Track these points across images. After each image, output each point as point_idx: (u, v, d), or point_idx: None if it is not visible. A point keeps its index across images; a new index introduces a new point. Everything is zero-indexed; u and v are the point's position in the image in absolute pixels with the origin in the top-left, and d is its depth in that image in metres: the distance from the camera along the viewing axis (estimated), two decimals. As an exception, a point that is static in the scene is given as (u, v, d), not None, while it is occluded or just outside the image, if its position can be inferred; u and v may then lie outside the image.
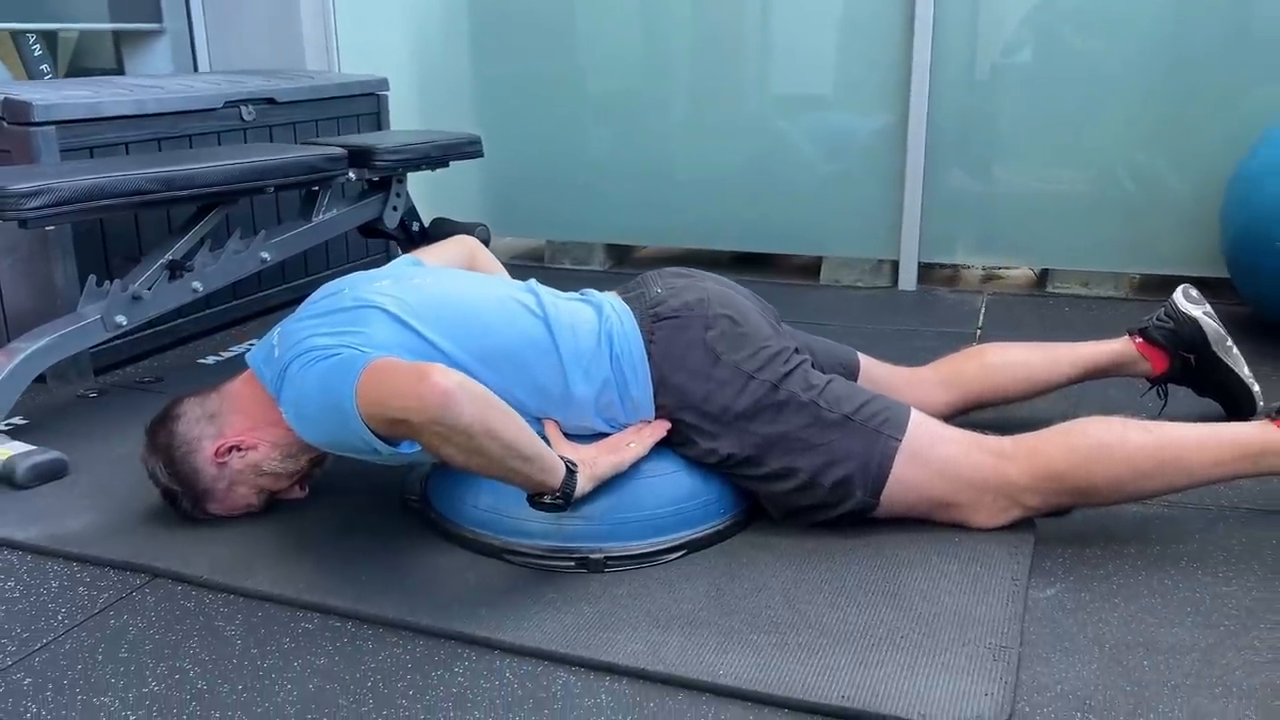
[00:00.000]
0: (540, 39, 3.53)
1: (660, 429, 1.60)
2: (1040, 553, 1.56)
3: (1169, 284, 3.02)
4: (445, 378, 1.32)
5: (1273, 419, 1.57)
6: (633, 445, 1.57)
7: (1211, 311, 1.93)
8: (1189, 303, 1.93)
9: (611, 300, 1.69)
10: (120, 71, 3.70)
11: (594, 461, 1.53)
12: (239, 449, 1.62)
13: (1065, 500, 1.57)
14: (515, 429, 1.38)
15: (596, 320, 1.63)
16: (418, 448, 1.39)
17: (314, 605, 1.48)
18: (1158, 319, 1.96)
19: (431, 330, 1.54)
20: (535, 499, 1.47)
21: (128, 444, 2.04)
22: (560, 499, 1.46)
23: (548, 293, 1.68)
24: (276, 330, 1.61)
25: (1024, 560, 1.52)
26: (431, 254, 1.87)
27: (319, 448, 1.57)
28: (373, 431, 1.36)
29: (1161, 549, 1.58)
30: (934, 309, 3.03)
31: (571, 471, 1.47)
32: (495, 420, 1.36)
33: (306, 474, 1.69)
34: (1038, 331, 2.69)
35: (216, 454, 1.62)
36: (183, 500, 1.66)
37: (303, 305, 1.65)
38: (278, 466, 1.63)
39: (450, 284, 1.66)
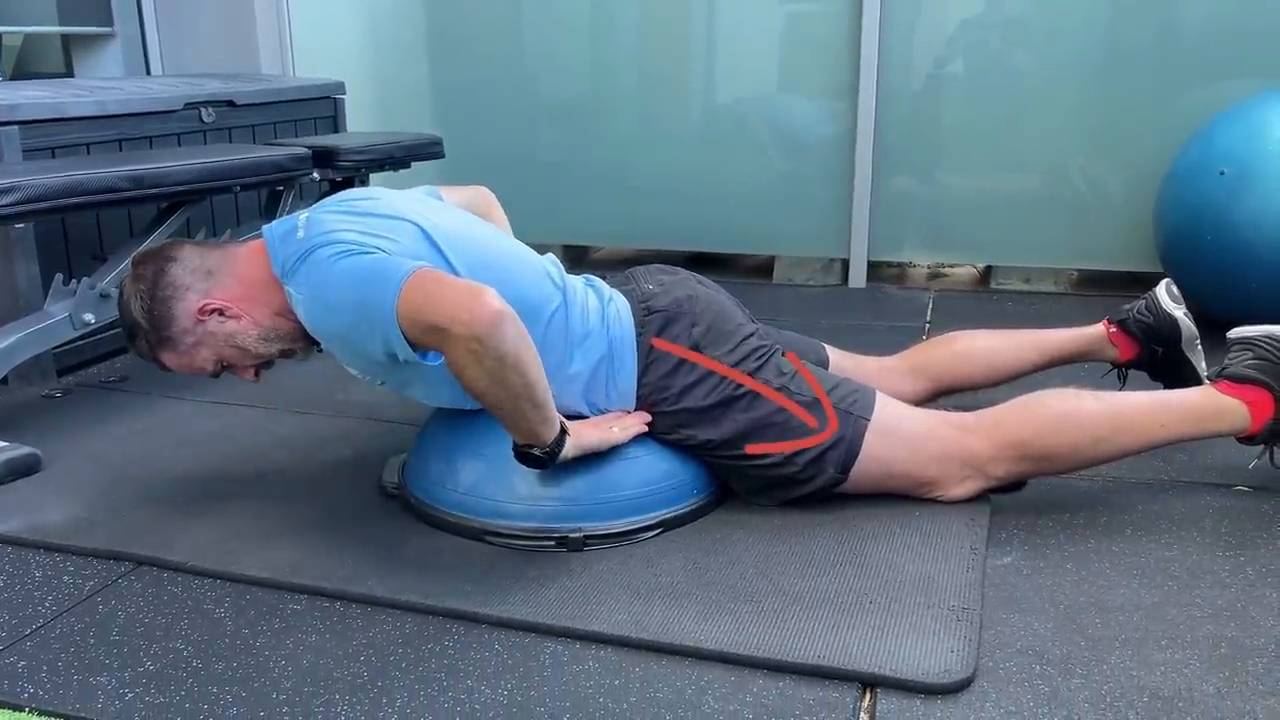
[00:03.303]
0: (496, 44, 3.59)
1: (640, 422, 1.66)
2: (996, 525, 1.65)
3: (1107, 279, 3.19)
4: (498, 300, 1.36)
5: (1214, 382, 1.68)
6: (616, 430, 1.63)
7: (1188, 312, 1.99)
8: (1171, 301, 1.99)
9: (610, 288, 1.75)
10: (69, 75, 3.67)
11: (581, 432, 1.59)
12: (223, 313, 1.60)
13: (1027, 467, 1.66)
14: (538, 372, 1.44)
15: (601, 305, 1.69)
16: (437, 363, 1.42)
17: (301, 588, 1.51)
18: (1138, 313, 2.01)
19: (459, 262, 1.56)
20: (522, 449, 1.52)
21: (99, 441, 2.06)
22: (547, 455, 1.51)
23: (565, 271, 1.73)
24: (303, 215, 1.59)
25: (981, 532, 1.61)
26: (451, 192, 1.87)
27: (318, 338, 1.57)
28: (403, 334, 1.39)
29: (1109, 519, 1.67)
30: (884, 305, 3.13)
31: (564, 432, 1.53)
32: (527, 357, 1.41)
33: (268, 363, 1.67)
34: (984, 326, 2.79)
35: (199, 310, 1.59)
36: (142, 340, 1.63)
37: (333, 199, 1.63)
38: (250, 345, 1.61)
39: (483, 228, 1.70)
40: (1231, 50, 2.92)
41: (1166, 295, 2.01)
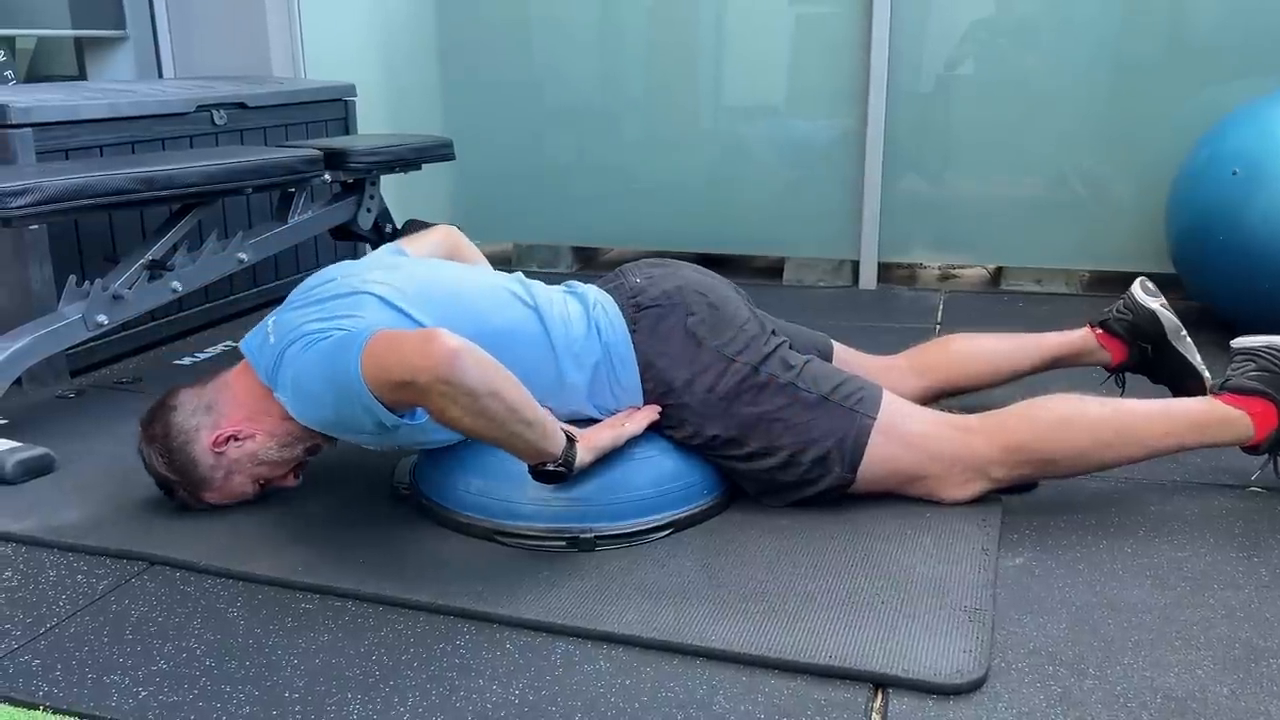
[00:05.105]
0: (506, 47, 3.59)
1: (652, 412, 1.67)
2: (1008, 526, 1.65)
3: (1118, 280, 3.17)
4: (451, 339, 1.36)
5: (1217, 394, 1.68)
6: (627, 425, 1.63)
7: (1166, 303, 2.01)
8: (1146, 295, 2.01)
9: (595, 291, 1.75)
10: (82, 78, 3.69)
11: (592, 435, 1.59)
12: (236, 438, 1.64)
13: (1029, 471, 1.66)
14: (519, 393, 1.43)
15: (584, 310, 1.69)
16: (425, 418, 1.44)
17: (313, 587, 1.51)
18: (1117, 311, 2.04)
19: (425, 316, 1.58)
20: (537, 468, 1.52)
21: (112, 441, 2.06)
22: (563, 467, 1.51)
23: (538, 284, 1.73)
24: (271, 319, 1.64)
25: (993, 533, 1.61)
26: (415, 243, 1.90)
27: (318, 430, 1.60)
28: (378, 400, 1.39)
29: (1121, 520, 1.67)
30: (894, 306, 3.13)
31: (572, 441, 1.53)
32: (499, 382, 1.40)
33: (301, 463, 1.71)
34: (994, 326, 2.78)
35: (214, 444, 1.64)
36: (180, 490, 1.69)
37: (295, 294, 1.68)
38: (274, 455, 1.66)
39: (441, 271, 1.71)
40: (1242, 50, 2.91)
41: (1141, 290, 2.02)
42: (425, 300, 1.60)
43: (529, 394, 1.45)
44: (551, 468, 1.51)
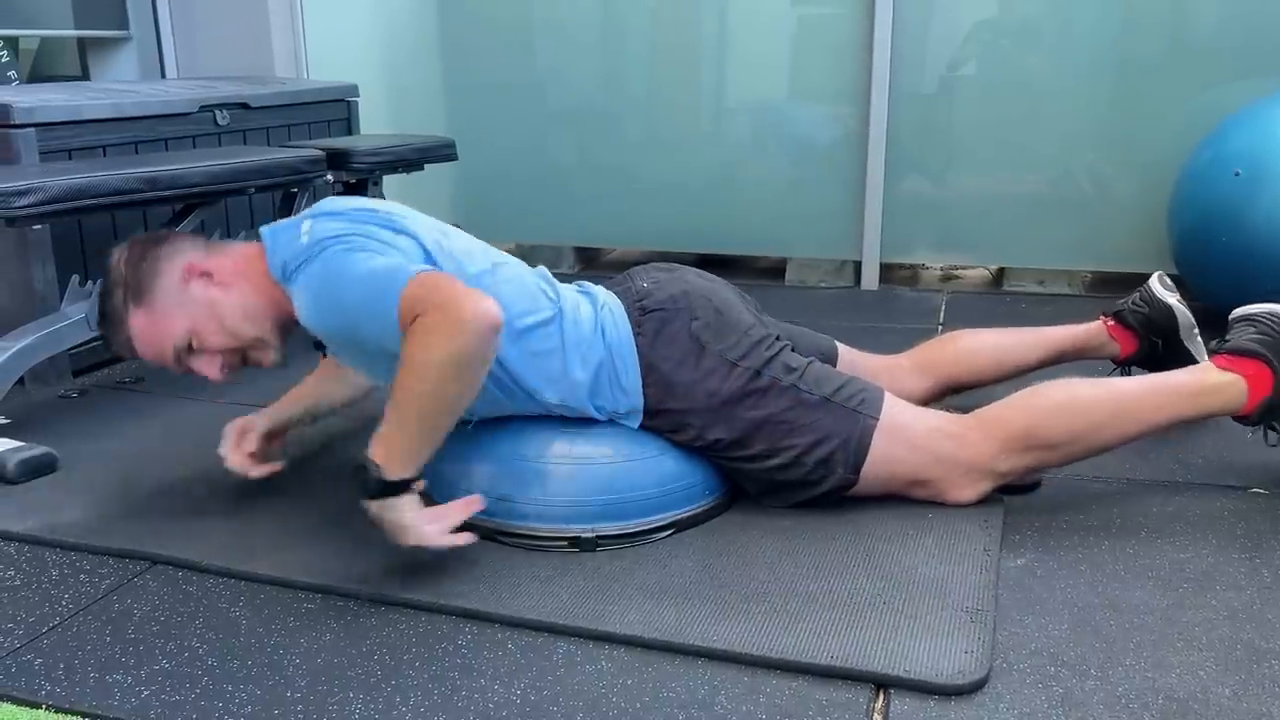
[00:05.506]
0: (508, 47, 3.60)
1: (453, 522, 1.49)
2: (1010, 527, 1.65)
3: (1120, 280, 3.17)
4: (501, 318, 1.40)
5: (1214, 355, 1.68)
6: (426, 528, 1.46)
7: (1183, 300, 2.01)
8: (1164, 289, 2.01)
9: (604, 292, 1.76)
10: (85, 78, 3.69)
11: (405, 506, 1.45)
12: (210, 278, 1.61)
13: (1032, 460, 1.66)
14: (460, 408, 1.45)
15: (594, 311, 1.70)
16: None
17: (315, 587, 1.52)
18: (1133, 303, 2.04)
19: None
20: (371, 464, 1.43)
21: (115, 440, 2.07)
22: (377, 485, 1.43)
23: (559, 283, 1.74)
24: (306, 221, 1.59)
25: (995, 534, 1.61)
26: None
27: (314, 331, 1.58)
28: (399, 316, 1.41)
29: (1123, 521, 1.67)
30: (896, 307, 3.13)
31: (407, 486, 1.45)
32: (469, 383, 1.42)
33: (237, 354, 1.64)
34: (995, 327, 2.79)
35: (188, 269, 1.61)
36: (119, 294, 1.61)
37: (330, 204, 1.65)
38: (228, 318, 1.60)
39: (487, 254, 1.70)
40: (1244, 51, 2.91)
41: (1159, 285, 2.03)
42: (459, 269, 1.59)
43: (455, 421, 1.47)
44: (373, 474, 1.42)
